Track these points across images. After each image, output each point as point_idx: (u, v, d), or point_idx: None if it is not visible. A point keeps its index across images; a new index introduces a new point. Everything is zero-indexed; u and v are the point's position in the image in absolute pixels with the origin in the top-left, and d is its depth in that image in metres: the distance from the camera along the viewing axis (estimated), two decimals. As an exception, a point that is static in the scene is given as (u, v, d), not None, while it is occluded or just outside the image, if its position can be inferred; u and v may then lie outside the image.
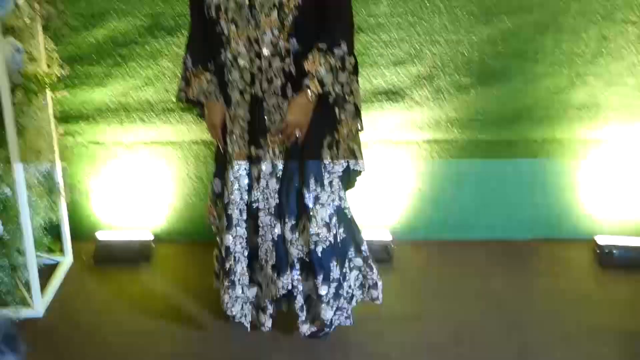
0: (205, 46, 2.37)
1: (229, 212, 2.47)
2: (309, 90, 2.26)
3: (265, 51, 2.26)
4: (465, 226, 3.50)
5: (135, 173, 3.38)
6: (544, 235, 3.50)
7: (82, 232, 3.42)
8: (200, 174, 3.38)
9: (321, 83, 2.26)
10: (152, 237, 3.39)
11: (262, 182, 2.43)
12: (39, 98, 2.81)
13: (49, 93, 2.93)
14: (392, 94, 3.26)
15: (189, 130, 3.32)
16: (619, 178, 3.40)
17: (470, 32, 3.19)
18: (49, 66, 2.89)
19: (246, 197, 2.47)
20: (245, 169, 2.44)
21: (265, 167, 2.40)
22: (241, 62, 2.29)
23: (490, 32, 3.19)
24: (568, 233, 3.49)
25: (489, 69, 3.25)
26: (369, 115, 3.24)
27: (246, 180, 2.45)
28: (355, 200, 3.25)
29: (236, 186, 2.44)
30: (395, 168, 3.38)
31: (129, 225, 3.44)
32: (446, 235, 3.50)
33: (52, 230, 3.12)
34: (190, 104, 2.56)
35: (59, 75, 2.90)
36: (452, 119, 3.32)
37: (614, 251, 3.30)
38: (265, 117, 2.36)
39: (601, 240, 3.36)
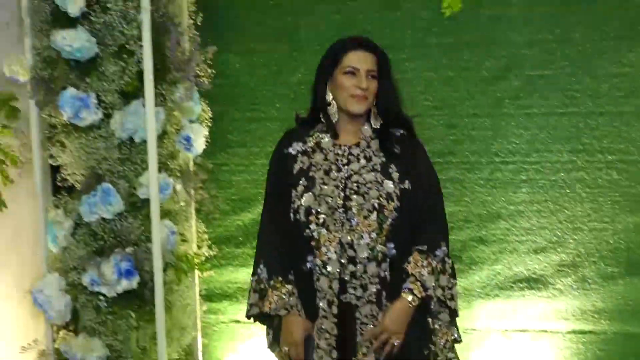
0: (284, 255, 2.15)
1: None
2: (411, 295, 2.05)
3: (362, 255, 2.06)
4: None
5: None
6: None
7: (217, 409, 3.31)
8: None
9: (424, 287, 2.06)
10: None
11: None
12: (187, 277, 2.83)
13: (197, 272, 2.96)
14: (534, 282, 3.06)
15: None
16: None
17: (615, 221, 3.01)
18: (199, 247, 2.95)
19: None
20: None
21: None
22: (330, 268, 2.06)
23: (637, 220, 2.99)
24: None
25: (637, 258, 3.00)
26: (508, 303, 3.09)
27: None
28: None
29: None
30: (537, 359, 3.10)
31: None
32: None
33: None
34: (260, 321, 2.26)
35: (207, 255, 2.94)
36: (599, 310, 3.04)
37: None
38: (357, 328, 2.07)
39: None
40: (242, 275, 3.25)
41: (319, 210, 2.08)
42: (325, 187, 2.10)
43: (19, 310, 2.71)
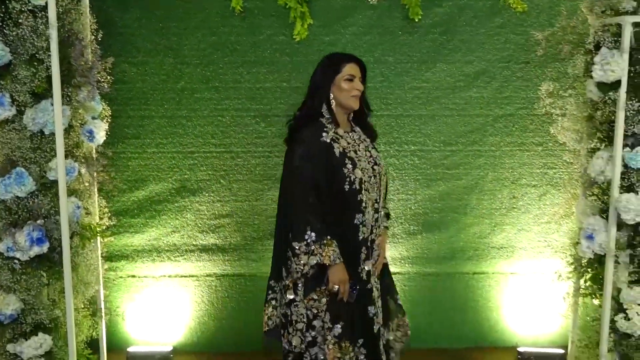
0: (325, 221, 2.15)
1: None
2: (387, 230, 2.43)
3: (383, 206, 2.34)
4: (417, 337, 3.27)
5: (162, 299, 3.29)
6: (476, 344, 3.37)
7: (117, 347, 3.26)
8: (212, 299, 3.31)
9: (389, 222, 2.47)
10: (170, 349, 3.24)
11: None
12: (91, 242, 2.78)
13: (99, 238, 2.90)
14: (359, 239, 3.25)
15: (205, 267, 3.29)
16: (532, 301, 3.36)
17: (416, 193, 3.27)
18: (100, 218, 2.89)
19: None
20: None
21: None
22: (369, 218, 2.25)
23: (431, 192, 3.27)
24: (495, 343, 3.37)
25: (431, 220, 3.30)
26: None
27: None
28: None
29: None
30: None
31: (155, 340, 3.30)
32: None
33: (93, 345, 2.95)
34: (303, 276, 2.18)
35: (107, 225, 2.89)
36: (404, 257, 3.32)
37: (532, 358, 3.21)
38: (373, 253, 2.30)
39: (521, 349, 3.27)
40: (137, 239, 3.24)
41: (364, 179, 2.22)
42: (363, 163, 2.23)
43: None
